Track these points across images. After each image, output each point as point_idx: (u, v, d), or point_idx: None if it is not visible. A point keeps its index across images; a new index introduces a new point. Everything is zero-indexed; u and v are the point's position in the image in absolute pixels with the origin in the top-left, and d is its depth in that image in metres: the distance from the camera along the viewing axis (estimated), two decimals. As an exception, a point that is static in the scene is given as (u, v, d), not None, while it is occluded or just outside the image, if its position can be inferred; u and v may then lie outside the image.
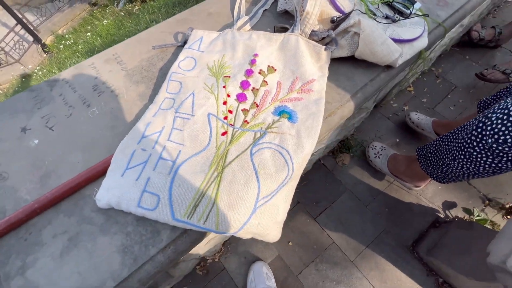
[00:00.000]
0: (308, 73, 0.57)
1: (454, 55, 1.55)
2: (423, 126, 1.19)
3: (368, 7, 0.65)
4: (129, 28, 3.49)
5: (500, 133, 0.62)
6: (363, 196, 1.23)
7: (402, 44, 0.62)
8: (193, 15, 0.73)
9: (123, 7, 5.20)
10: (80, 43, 4.39)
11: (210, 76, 0.57)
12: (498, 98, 0.91)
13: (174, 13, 3.01)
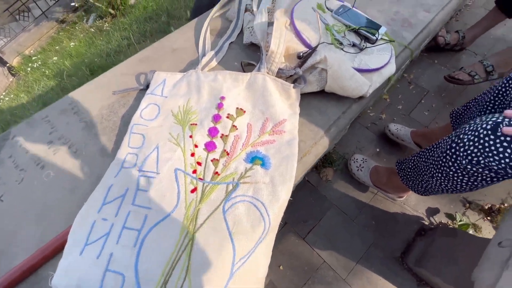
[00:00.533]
0: (279, 113, 0.55)
1: (424, 60, 1.60)
2: (402, 137, 1.21)
3: (335, 37, 0.64)
4: (100, 46, 3.37)
5: (473, 155, 0.63)
6: (350, 210, 1.23)
7: (371, 73, 0.62)
8: (156, 53, 0.69)
9: (93, 23, 5.04)
10: (49, 64, 4.20)
11: (176, 125, 0.54)
12: (468, 109, 0.94)
13: (145, 30, 2.94)
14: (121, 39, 3.03)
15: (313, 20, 0.65)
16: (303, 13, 0.66)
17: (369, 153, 1.33)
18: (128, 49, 2.74)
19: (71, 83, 2.53)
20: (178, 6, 2.93)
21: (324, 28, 0.64)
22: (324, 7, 0.70)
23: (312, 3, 0.69)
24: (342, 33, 0.66)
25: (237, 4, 0.72)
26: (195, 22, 0.75)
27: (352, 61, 0.60)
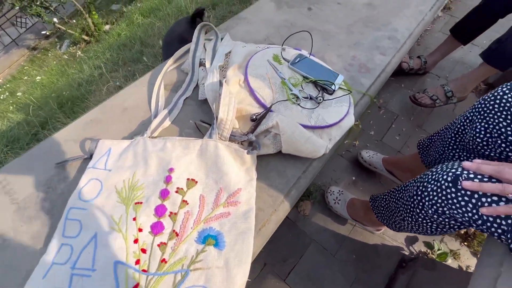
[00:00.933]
0: (234, 182, 0.51)
1: (391, 85, 1.65)
2: (375, 164, 1.21)
3: (291, 91, 0.62)
4: (72, 75, 3.26)
5: (437, 205, 0.61)
6: (330, 245, 1.19)
7: (330, 128, 0.60)
8: (105, 113, 0.65)
9: (67, 50, 4.92)
10: (17, 96, 4.00)
11: (119, 204, 0.49)
12: (433, 142, 0.95)
13: (118, 58, 2.89)
14: (94, 68, 2.95)
15: (268, 75, 0.63)
16: (258, 68, 0.64)
17: (346, 182, 1.32)
18: (100, 79, 2.66)
19: (37, 118, 2.40)
20: (152, 33, 2.91)
21: (280, 82, 0.63)
22: (280, 58, 0.69)
23: (268, 55, 0.68)
24: (299, 86, 0.65)
25: (191, 57, 0.70)
26: (149, 75, 0.72)
27: (309, 118, 0.58)
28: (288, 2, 0.94)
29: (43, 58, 5.12)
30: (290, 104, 0.59)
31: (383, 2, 0.95)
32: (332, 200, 1.21)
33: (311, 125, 0.57)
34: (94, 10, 4.46)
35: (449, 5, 2.04)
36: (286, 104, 0.59)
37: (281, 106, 0.58)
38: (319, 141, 0.53)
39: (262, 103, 0.57)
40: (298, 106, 0.60)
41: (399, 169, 1.14)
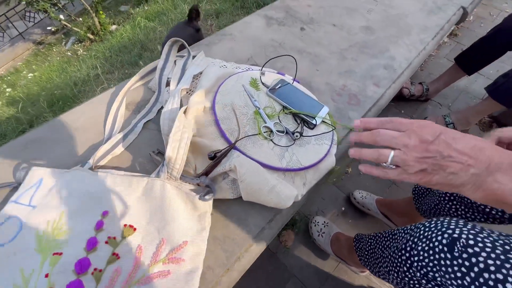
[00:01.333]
0: (180, 232, 0.42)
1: (391, 110, 1.57)
2: (368, 206, 1.11)
3: (264, 124, 0.54)
4: (70, 73, 3.23)
5: (428, 268, 0.52)
6: (311, 282, 1.09)
7: (305, 171, 0.51)
8: (53, 133, 0.57)
9: (71, 46, 4.93)
10: (17, 88, 3.98)
11: (36, 253, 0.40)
12: (429, 189, 0.86)
13: (117, 60, 2.84)
14: (91, 68, 2.91)
15: (241, 102, 0.55)
16: (229, 94, 0.56)
17: (334, 212, 1.23)
18: (97, 79, 2.61)
19: (27, 115, 2.34)
20: (153, 38, 2.88)
21: (253, 112, 0.55)
22: (259, 83, 0.61)
23: (244, 79, 0.60)
24: (275, 117, 0.57)
25: (157, 75, 0.62)
26: (112, 92, 0.64)
27: (280, 158, 0.50)
28: (280, 20, 0.88)
29: (47, 53, 5.13)
30: (260, 140, 0.51)
31: (382, 27, 0.88)
32: (316, 232, 1.11)
33: (281, 168, 0.48)
34: (101, 10, 4.47)
35: (456, 32, 1.97)
36: (255, 139, 0.51)
37: (249, 141, 0.49)
38: (286, 191, 0.44)
39: (227, 137, 0.49)
40: (271, 142, 0.51)
41: (395, 213, 1.04)
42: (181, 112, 0.46)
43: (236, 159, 0.43)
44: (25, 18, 5.69)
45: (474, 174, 0.32)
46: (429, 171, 0.34)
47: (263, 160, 0.48)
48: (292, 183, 0.49)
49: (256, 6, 2.68)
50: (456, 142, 0.33)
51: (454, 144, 0.32)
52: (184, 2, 3.22)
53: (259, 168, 0.43)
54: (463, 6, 1.01)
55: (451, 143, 0.33)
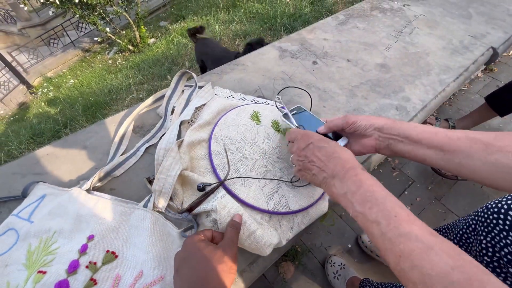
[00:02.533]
0: (157, 266, 0.43)
1: (411, 145, 1.49)
2: (377, 251, 1.04)
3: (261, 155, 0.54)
4: (108, 81, 3.51)
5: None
6: (306, 322, 1.03)
7: (293, 215, 0.50)
8: (64, 149, 0.61)
9: (113, 56, 5.38)
10: (62, 89, 4.39)
11: (23, 268, 0.42)
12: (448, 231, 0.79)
13: (149, 72, 3.04)
14: (125, 77, 3.15)
15: (238, 136, 0.56)
16: (229, 128, 0.57)
17: (339, 249, 1.16)
18: (128, 88, 2.82)
19: (63, 117, 2.57)
20: (184, 53, 3.06)
21: (249, 148, 0.55)
22: (260, 117, 0.62)
23: (247, 112, 0.61)
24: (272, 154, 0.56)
25: (165, 103, 0.65)
26: (123, 114, 0.69)
27: (268, 199, 0.49)
28: (293, 53, 0.89)
29: (92, 60, 5.65)
30: (251, 178, 0.51)
31: (399, 65, 0.86)
32: (331, 273, 1.05)
33: (267, 210, 0.47)
34: (143, 24, 4.87)
35: (491, 67, 1.86)
36: (246, 177, 0.50)
37: (239, 179, 0.49)
38: (266, 238, 0.43)
39: (217, 173, 0.49)
40: (261, 181, 0.51)
41: None
42: (173, 146, 0.47)
43: (219, 200, 0.43)
44: (78, 29, 6.35)
45: (324, 177, 0.39)
46: (303, 171, 0.43)
47: (250, 201, 0.47)
48: (278, 226, 0.48)
49: (284, 30, 2.76)
50: (319, 150, 0.40)
51: (317, 152, 0.40)
52: (216, 22, 3.41)
53: (240, 212, 0.43)
54: (493, 46, 0.96)
55: (316, 151, 0.40)
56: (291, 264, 1.13)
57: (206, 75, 0.80)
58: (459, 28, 1.02)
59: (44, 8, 6.23)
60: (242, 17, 3.19)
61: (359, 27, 1.00)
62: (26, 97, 6.01)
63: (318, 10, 2.82)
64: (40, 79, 6.36)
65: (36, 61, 6.45)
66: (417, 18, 1.05)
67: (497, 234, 0.55)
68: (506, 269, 0.54)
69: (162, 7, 6.47)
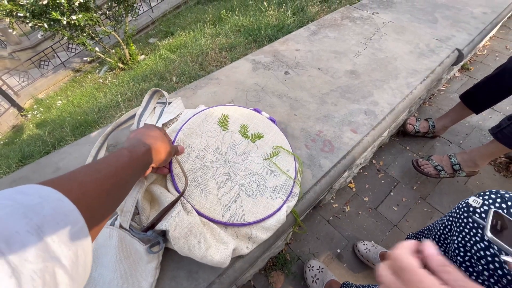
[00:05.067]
0: (124, 284, 0.43)
1: (395, 146, 1.52)
2: (373, 260, 1.04)
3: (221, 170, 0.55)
4: (97, 99, 3.52)
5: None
6: (298, 332, 1.01)
7: (249, 227, 0.50)
8: (35, 172, 0.62)
9: (103, 74, 5.43)
10: (52, 111, 4.39)
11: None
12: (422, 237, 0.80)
13: (137, 89, 3.07)
14: (114, 95, 3.16)
15: (201, 144, 0.56)
16: (192, 135, 0.57)
17: (329, 255, 1.16)
18: (117, 106, 2.83)
19: (52, 138, 2.56)
20: (172, 68, 3.10)
21: (211, 156, 0.56)
22: (229, 120, 0.62)
23: (213, 116, 0.61)
24: (242, 157, 0.58)
25: (136, 121, 0.67)
26: (95, 134, 0.70)
27: (224, 211, 0.49)
28: (266, 64, 0.92)
29: (83, 80, 5.68)
30: (210, 186, 0.51)
31: (368, 71, 0.89)
32: (310, 277, 1.05)
33: (222, 222, 0.48)
34: (132, 42, 4.94)
35: (468, 66, 1.92)
36: (205, 187, 0.51)
37: (197, 190, 0.50)
38: (216, 257, 0.43)
39: (175, 184, 0.50)
40: (220, 190, 0.52)
41: None
42: None
43: (172, 219, 0.43)
44: (68, 49, 6.41)
45: None
46: None
47: (205, 212, 0.48)
48: (235, 236, 0.49)
49: (268, 40, 2.82)
50: None
51: None
52: (203, 36, 3.48)
53: (194, 231, 0.43)
54: (458, 48, 1.00)
55: None
56: (281, 273, 1.12)
57: (180, 90, 0.82)
58: (426, 33, 1.06)
59: (34, 31, 6.29)
60: (228, 30, 3.26)
61: (330, 36, 1.04)
62: (18, 120, 5.98)
63: (301, 20, 2.90)
64: (31, 101, 6.35)
65: (27, 83, 6.46)
66: (386, 25, 1.10)
67: (467, 232, 0.56)
68: (477, 267, 0.55)
69: (151, 25, 6.59)
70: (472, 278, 0.56)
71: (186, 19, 5.21)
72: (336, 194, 1.33)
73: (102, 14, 4.60)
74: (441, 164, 1.23)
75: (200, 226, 0.44)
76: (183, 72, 2.82)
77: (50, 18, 3.62)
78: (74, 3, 3.63)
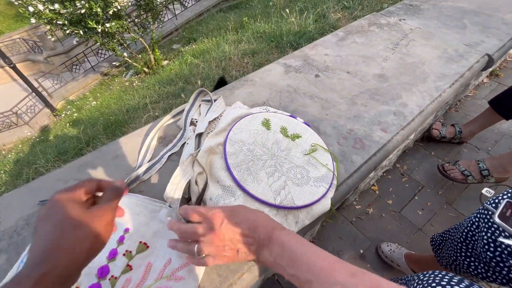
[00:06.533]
0: (183, 254, 0.50)
1: (419, 151, 1.51)
2: (397, 261, 1.05)
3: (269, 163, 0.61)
4: (125, 101, 3.73)
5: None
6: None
7: (298, 210, 0.56)
8: (98, 158, 0.71)
9: (130, 78, 5.72)
10: (82, 111, 4.69)
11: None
12: (445, 241, 0.81)
13: (163, 92, 3.23)
14: (142, 97, 3.35)
15: (250, 139, 0.63)
16: (242, 132, 0.64)
17: (352, 255, 1.18)
18: (144, 107, 3.00)
19: (85, 136, 2.76)
20: (196, 73, 3.25)
21: (261, 149, 0.62)
22: (270, 123, 0.69)
23: (258, 119, 0.68)
24: (284, 153, 0.63)
25: (184, 116, 0.74)
26: (148, 127, 0.78)
27: (275, 195, 0.55)
28: (297, 68, 0.98)
29: (110, 83, 6.02)
30: (261, 175, 0.58)
31: (396, 74, 0.92)
32: None
33: (274, 204, 0.54)
34: (157, 48, 5.20)
35: (497, 72, 1.88)
36: (256, 174, 0.57)
37: (250, 177, 0.56)
38: None
39: (231, 171, 0.57)
40: (269, 178, 0.58)
41: (423, 269, 0.98)
42: (186, 160, 0.56)
43: None
44: (98, 55, 6.82)
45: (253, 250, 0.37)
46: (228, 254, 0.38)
47: (259, 196, 0.54)
48: (284, 220, 0.54)
49: (290, 46, 2.90)
50: (238, 226, 0.38)
51: (237, 228, 0.37)
52: (225, 42, 3.61)
53: None
54: (488, 53, 1.01)
55: (235, 228, 0.38)
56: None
57: (219, 90, 0.90)
58: (454, 38, 1.08)
59: (67, 37, 6.76)
60: (250, 37, 3.38)
61: (358, 42, 1.09)
62: (50, 120, 6.40)
63: (322, 27, 2.96)
64: (63, 102, 6.77)
65: (59, 86, 6.91)
66: (413, 31, 1.13)
67: (497, 228, 0.58)
68: (508, 262, 0.57)
69: (174, 31, 6.89)
70: (503, 273, 0.58)
71: (208, 26, 5.40)
72: (359, 196, 1.35)
73: (131, 22, 4.89)
74: (468, 169, 1.22)
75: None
76: (207, 76, 2.95)
77: (86, 26, 3.90)
78: (109, 12, 3.89)
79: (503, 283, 0.63)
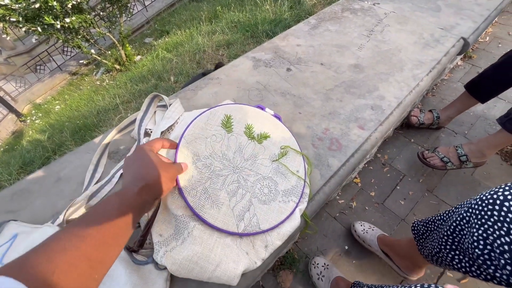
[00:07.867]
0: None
1: (399, 139, 1.49)
2: (369, 242, 1.03)
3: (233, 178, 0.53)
4: (96, 102, 3.50)
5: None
6: (308, 331, 1.01)
7: (265, 234, 0.49)
8: (36, 183, 0.60)
9: (100, 76, 5.38)
10: (50, 115, 4.37)
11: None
12: (429, 231, 0.78)
13: (135, 90, 3.04)
14: (112, 97, 3.14)
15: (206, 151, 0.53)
16: (196, 140, 0.54)
17: (336, 252, 1.15)
18: (116, 108, 2.81)
19: (51, 144, 2.55)
20: (169, 68, 3.07)
21: (218, 163, 0.54)
22: (232, 122, 0.59)
23: (217, 118, 0.58)
24: (249, 162, 0.56)
25: (137, 126, 0.64)
26: (98, 140, 0.68)
27: (238, 221, 0.47)
28: (267, 62, 0.89)
29: (80, 83, 5.64)
30: (221, 196, 0.49)
31: (372, 64, 0.86)
32: (315, 275, 1.04)
33: (237, 233, 0.46)
34: (128, 43, 4.89)
35: (470, 54, 1.88)
36: (215, 198, 0.49)
37: (208, 201, 0.48)
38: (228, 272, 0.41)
39: (184, 197, 0.48)
40: (233, 199, 0.50)
41: (396, 254, 0.96)
42: None
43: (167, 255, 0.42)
44: (64, 53, 6.35)
45: None
46: None
47: (219, 224, 0.46)
48: (251, 247, 0.47)
49: (265, 36, 2.78)
50: None
51: None
52: (199, 34, 3.43)
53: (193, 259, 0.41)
54: (463, 37, 0.97)
55: None
56: (289, 272, 1.11)
57: (180, 92, 0.80)
58: (429, 22, 1.03)
59: (28, 36, 6.24)
60: (224, 27, 3.22)
61: (331, 30, 1.01)
62: (17, 126, 5.96)
63: (298, 14, 2.86)
64: (29, 106, 6.32)
65: (24, 88, 6.42)
66: (387, 16, 1.07)
67: (491, 225, 0.55)
68: (497, 261, 0.54)
69: (145, 24, 6.52)
70: (489, 271, 0.55)
71: (181, 17, 5.14)
72: (342, 190, 1.32)
73: (96, 16, 4.55)
74: (447, 155, 1.21)
75: (198, 252, 0.42)
76: (181, 72, 2.80)
77: (43, 22, 3.57)
78: (67, 5, 3.57)
79: (486, 279, 0.61)
